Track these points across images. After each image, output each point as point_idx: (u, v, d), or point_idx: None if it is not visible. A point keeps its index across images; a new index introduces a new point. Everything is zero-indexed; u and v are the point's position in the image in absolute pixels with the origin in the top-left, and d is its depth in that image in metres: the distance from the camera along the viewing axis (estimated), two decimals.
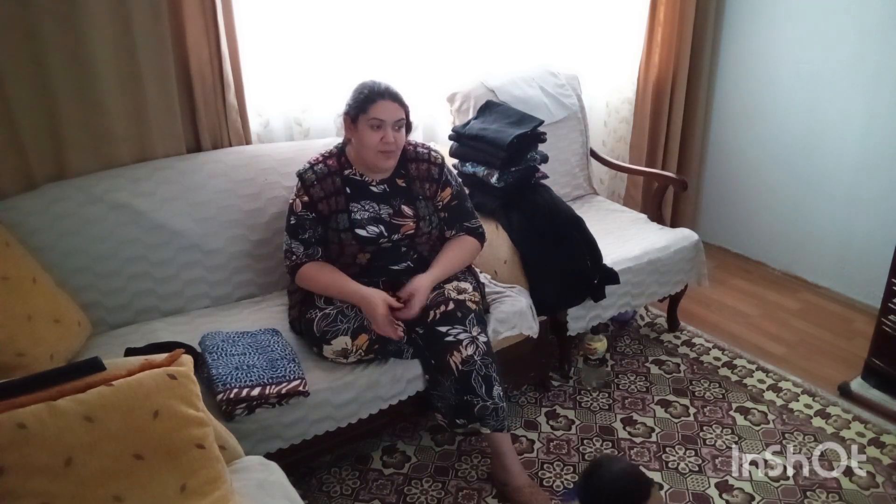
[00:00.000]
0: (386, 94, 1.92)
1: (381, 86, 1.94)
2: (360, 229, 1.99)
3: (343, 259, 2.02)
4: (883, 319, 2.37)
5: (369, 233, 1.99)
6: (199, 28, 2.15)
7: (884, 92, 2.84)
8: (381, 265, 2.03)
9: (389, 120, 1.91)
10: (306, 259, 1.98)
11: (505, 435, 1.99)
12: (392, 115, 1.91)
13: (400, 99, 1.95)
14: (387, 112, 1.91)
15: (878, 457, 2.18)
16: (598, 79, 3.21)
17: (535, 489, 2.01)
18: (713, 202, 3.67)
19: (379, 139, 1.91)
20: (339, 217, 1.98)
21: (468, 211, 2.15)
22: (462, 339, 1.91)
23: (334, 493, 2.05)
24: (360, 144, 1.95)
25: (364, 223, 1.99)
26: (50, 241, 1.95)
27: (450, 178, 2.12)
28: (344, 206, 1.99)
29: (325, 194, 1.98)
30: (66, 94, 1.98)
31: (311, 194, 1.98)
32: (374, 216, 2.01)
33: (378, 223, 2.00)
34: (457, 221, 2.12)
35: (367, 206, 2.01)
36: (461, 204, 2.13)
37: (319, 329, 1.90)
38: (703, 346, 2.77)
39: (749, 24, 3.26)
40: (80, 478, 1.14)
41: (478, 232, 2.15)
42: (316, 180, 1.99)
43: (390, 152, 1.95)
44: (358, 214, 1.99)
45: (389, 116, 1.91)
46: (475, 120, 2.51)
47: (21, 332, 1.69)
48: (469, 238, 2.12)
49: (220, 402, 1.69)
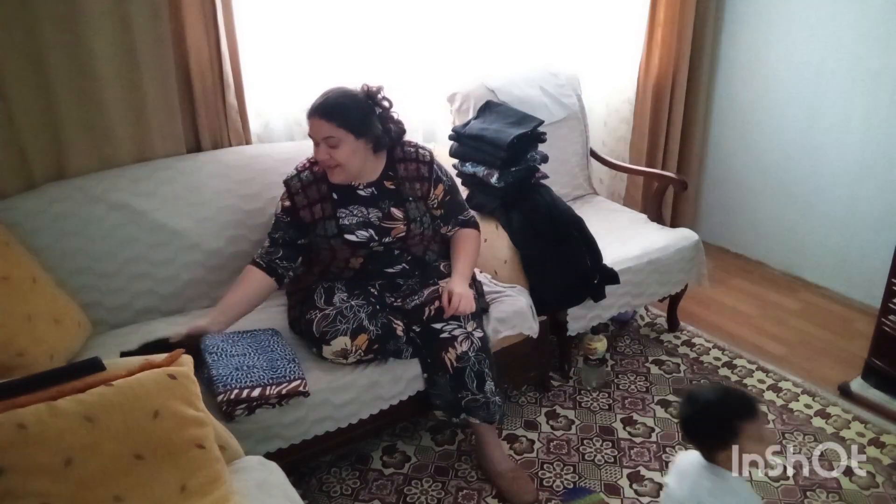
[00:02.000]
0: (314, 111, 1.88)
1: (315, 102, 1.90)
2: (349, 234, 1.98)
3: (336, 263, 2.03)
4: (883, 319, 2.37)
5: (359, 237, 1.99)
6: (199, 28, 2.15)
7: (884, 92, 2.84)
8: (375, 269, 2.04)
9: (317, 137, 1.89)
10: (261, 258, 1.99)
11: (490, 426, 2.03)
12: (317, 132, 1.88)
13: (329, 114, 1.86)
14: (313, 129, 1.89)
15: (878, 457, 2.18)
16: (598, 79, 3.21)
17: (518, 473, 2.05)
18: (713, 202, 3.67)
19: (320, 152, 1.90)
20: (327, 224, 1.98)
21: (461, 204, 2.20)
22: (457, 335, 1.93)
23: (334, 493, 2.05)
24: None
25: (353, 228, 1.99)
26: (50, 241, 1.95)
27: (440, 174, 2.11)
28: (331, 212, 1.99)
29: (308, 202, 1.99)
30: (66, 94, 1.98)
31: (294, 201, 1.99)
32: (362, 220, 2.00)
33: (367, 227, 2.00)
34: (452, 217, 2.15)
35: (356, 211, 2.00)
36: (454, 198, 2.16)
37: (319, 329, 1.90)
38: (703, 346, 2.77)
39: (749, 24, 3.26)
40: (80, 478, 1.14)
41: (472, 222, 2.20)
42: (301, 188, 1.99)
43: (330, 167, 1.92)
44: (346, 220, 1.99)
45: (316, 133, 1.88)
46: (475, 120, 2.51)
47: (21, 332, 1.69)
48: (468, 230, 2.17)
49: (220, 402, 1.69)
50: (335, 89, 1.93)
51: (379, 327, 1.91)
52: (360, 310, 1.92)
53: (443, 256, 2.18)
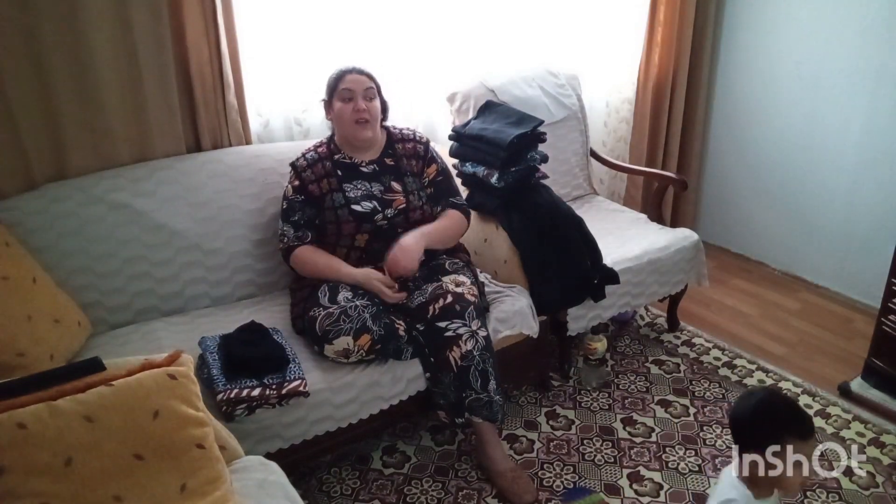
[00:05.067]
0: (353, 69, 2.10)
1: (350, 65, 2.11)
2: (355, 205, 2.09)
3: (342, 241, 2.09)
4: (883, 319, 2.37)
5: (364, 208, 2.09)
6: (199, 28, 2.15)
7: (884, 92, 2.84)
8: (379, 247, 2.09)
9: (359, 89, 2.06)
10: (296, 241, 2.07)
11: (491, 425, 2.04)
12: (360, 84, 2.07)
13: (367, 72, 2.11)
14: (355, 83, 2.07)
15: (878, 457, 2.18)
16: (598, 79, 3.21)
17: (518, 473, 2.05)
18: (713, 202, 3.67)
19: (351, 109, 2.06)
20: (335, 195, 2.09)
21: (454, 189, 2.26)
22: (461, 333, 1.93)
23: (334, 493, 2.05)
24: (338, 122, 2.11)
25: (358, 199, 2.10)
26: (50, 241, 1.95)
27: (435, 156, 2.24)
28: (337, 186, 2.10)
29: (315, 177, 2.10)
30: (66, 94, 1.98)
31: (302, 178, 2.10)
32: (366, 193, 2.11)
33: (371, 199, 2.11)
34: (442, 197, 2.22)
35: (359, 185, 2.12)
36: (447, 181, 2.24)
37: (322, 328, 1.90)
38: (703, 346, 2.77)
39: (749, 24, 3.26)
40: (80, 478, 1.14)
41: (463, 208, 2.24)
42: (307, 165, 2.12)
43: (365, 121, 2.07)
44: (351, 193, 2.11)
45: (358, 86, 2.07)
46: (475, 120, 2.51)
47: (21, 332, 1.69)
48: (454, 211, 2.22)
49: (220, 402, 1.69)
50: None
51: (381, 327, 1.91)
52: (364, 310, 1.92)
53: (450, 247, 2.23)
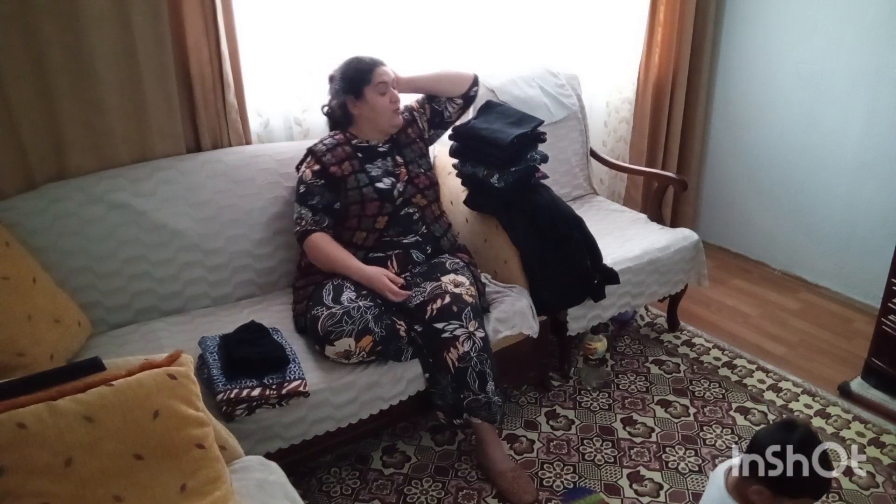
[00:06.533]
0: (380, 61, 2.19)
1: (368, 57, 2.19)
2: (378, 182, 2.16)
3: (364, 224, 2.13)
4: (883, 319, 2.37)
5: (385, 184, 2.16)
6: (199, 28, 2.15)
7: (884, 92, 2.84)
8: (393, 236, 2.15)
9: (389, 81, 2.17)
10: (314, 226, 2.09)
11: (490, 425, 2.04)
12: (389, 76, 2.19)
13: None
14: (386, 75, 2.17)
15: (878, 457, 2.18)
16: (598, 79, 3.21)
17: (518, 473, 2.05)
18: (713, 202, 3.67)
19: (389, 100, 2.16)
20: (359, 176, 2.15)
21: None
22: (458, 334, 1.93)
23: (334, 493, 2.05)
24: (372, 113, 2.17)
25: (380, 177, 2.18)
26: (50, 241, 1.95)
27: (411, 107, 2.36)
28: (359, 167, 2.16)
29: (336, 160, 2.15)
30: (66, 94, 1.98)
31: (322, 162, 2.13)
32: (385, 171, 2.20)
33: (389, 175, 2.20)
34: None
35: (379, 163, 2.21)
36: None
37: (324, 328, 1.90)
38: (703, 346, 2.77)
39: (749, 24, 3.27)
40: (80, 478, 1.14)
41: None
42: (326, 150, 2.16)
43: (400, 110, 2.23)
44: (373, 172, 2.18)
45: (388, 78, 2.18)
46: (475, 120, 2.51)
47: (21, 332, 1.69)
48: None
49: (220, 402, 1.69)
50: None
51: (383, 329, 1.91)
52: (367, 311, 1.92)
53: (453, 245, 2.27)
